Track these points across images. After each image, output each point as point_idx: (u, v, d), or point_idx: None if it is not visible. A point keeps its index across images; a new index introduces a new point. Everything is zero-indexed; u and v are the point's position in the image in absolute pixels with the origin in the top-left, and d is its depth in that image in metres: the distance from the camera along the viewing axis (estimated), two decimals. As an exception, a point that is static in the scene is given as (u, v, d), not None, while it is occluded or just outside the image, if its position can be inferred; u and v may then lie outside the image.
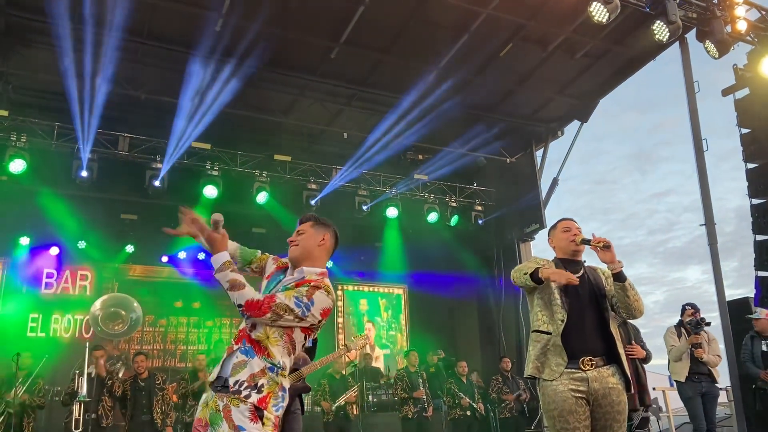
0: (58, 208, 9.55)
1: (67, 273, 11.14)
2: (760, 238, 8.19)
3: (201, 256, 11.43)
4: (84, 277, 11.22)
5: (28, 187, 9.13)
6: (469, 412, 8.74)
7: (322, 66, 9.27)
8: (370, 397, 10.26)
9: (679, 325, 6.62)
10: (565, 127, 11.35)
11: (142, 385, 7.62)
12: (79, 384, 7.01)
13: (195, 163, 9.90)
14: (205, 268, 11.45)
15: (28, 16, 8.01)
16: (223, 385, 2.42)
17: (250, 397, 2.38)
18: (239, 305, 2.43)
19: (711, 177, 8.18)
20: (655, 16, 7.75)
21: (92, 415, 6.99)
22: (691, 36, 8.41)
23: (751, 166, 8.39)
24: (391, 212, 11.26)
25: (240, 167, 10.23)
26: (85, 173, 9.08)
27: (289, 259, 2.76)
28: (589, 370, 3.14)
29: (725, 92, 8.65)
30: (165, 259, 11.50)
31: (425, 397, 8.57)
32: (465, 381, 9.02)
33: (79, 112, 9.04)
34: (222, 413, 2.36)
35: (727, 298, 8.15)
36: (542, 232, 11.75)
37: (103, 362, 7.33)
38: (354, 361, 9.62)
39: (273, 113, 10.23)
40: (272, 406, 2.41)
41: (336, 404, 8.19)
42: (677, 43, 8.55)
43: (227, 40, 8.42)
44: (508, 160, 11.99)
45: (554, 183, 11.43)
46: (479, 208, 11.94)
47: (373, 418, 9.54)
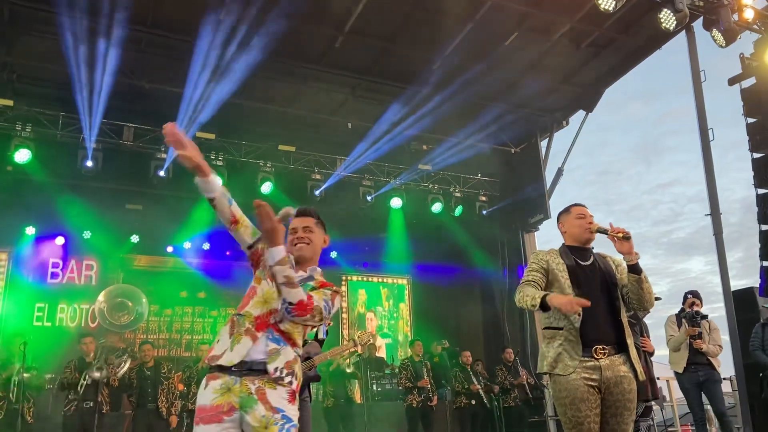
0: (64, 198, 9.56)
1: (73, 263, 11.18)
2: (765, 228, 8.15)
3: (206, 246, 11.47)
4: (89, 267, 11.27)
5: (33, 177, 9.15)
6: (474, 401, 8.77)
7: (327, 55, 9.24)
8: (374, 387, 10.30)
9: (680, 314, 6.53)
10: (570, 117, 11.31)
11: (148, 374, 7.67)
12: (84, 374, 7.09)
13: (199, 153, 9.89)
14: (209, 258, 11.49)
15: (32, 6, 8.00)
16: (251, 369, 2.43)
17: (292, 384, 2.46)
18: (290, 303, 2.41)
19: (716, 167, 8.15)
20: (661, 5, 7.69)
21: (90, 404, 7.04)
22: (698, 25, 8.36)
23: (757, 156, 8.33)
24: (396, 202, 11.27)
25: (244, 157, 10.23)
26: (90, 163, 9.11)
27: (298, 257, 2.72)
28: (602, 358, 3.11)
29: (731, 81, 8.58)
30: (170, 249, 11.53)
31: (430, 386, 8.59)
32: (470, 370, 9.04)
33: (84, 102, 9.04)
34: (256, 395, 2.38)
35: (732, 289, 8.15)
36: (547, 222, 11.74)
37: (93, 348, 7.38)
38: (356, 351, 9.64)
39: (277, 103, 10.21)
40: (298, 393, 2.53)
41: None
42: (683, 32, 8.50)
43: (231, 29, 8.40)
44: (513, 151, 11.97)
45: (559, 173, 11.40)
46: (483, 199, 11.93)
47: (377, 407, 9.58)
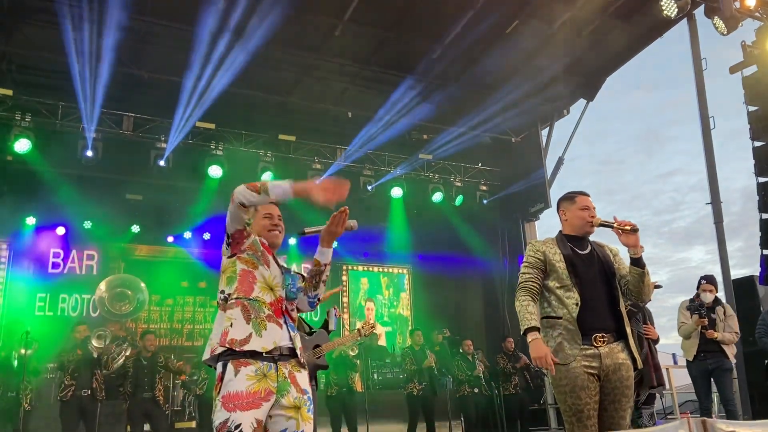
0: (64, 188, 9.56)
1: (74, 253, 11.21)
2: (766, 217, 8.15)
3: (206, 236, 11.48)
4: (90, 257, 11.29)
5: (33, 167, 9.14)
6: (476, 389, 8.80)
7: (326, 44, 9.21)
8: (375, 376, 10.34)
9: (696, 297, 6.28)
10: (571, 106, 11.28)
11: (145, 363, 7.68)
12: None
13: (199, 142, 9.90)
14: (210, 248, 11.49)
15: (31, -5, 7.98)
16: (281, 354, 2.52)
17: (306, 367, 2.62)
18: (317, 297, 2.77)
19: (718, 157, 8.14)
20: (663, -8, 7.66)
21: (87, 391, 7.09)
22: (699, 13, 8.32)
23: (758, 144, 8.30)
24: (396, 192, 11.26)
25: (244, 147, 10.22)
26: (90, 153, 9.10)
27: (274, 244, 2.83)
28: (601, 346, 3.11)
29: (733, 69, 8.55)
30: (171, 239, 11.55)
31: (435, 366, 8.57)
32: (471, 359, 9.07)
33: (83, 92, 9.02)
34: (289, 379, 2.49)
35: (732, 278, 8.16)
36: (547, 211, 11.75)
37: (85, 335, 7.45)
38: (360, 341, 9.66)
39: (277, 92, 10.19)
40: None
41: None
42: (685, 20, 8.46)
43: (231, 18, 8.36)
44: (513, 140, 11.95)
45: (559, 162, 11.39)
46: (484, 188, 11.92)
47: (378, 396, 9.62)
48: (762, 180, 8.19)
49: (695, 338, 6.13)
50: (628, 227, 3.13)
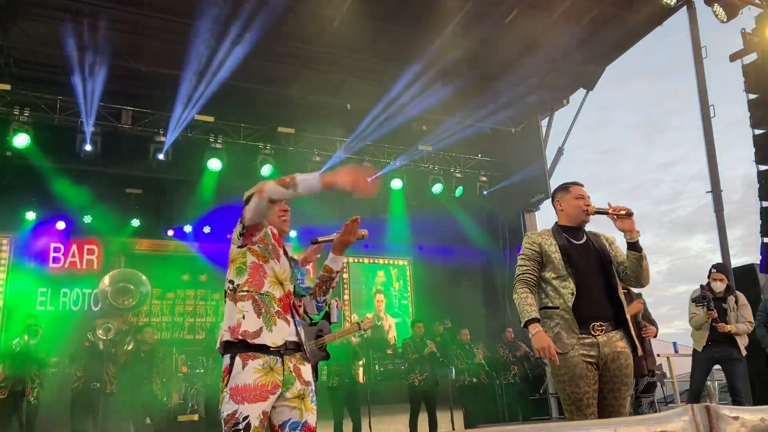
0: (63, 183, 9.56)
1: (74, 247, 11.19)
2: (766, 205, 8.14)
3: (206, 229, 11.48)
4: (91, 252, 11.28)
5: (32, 162, 9.14)
6: (475, 379, 8.83)
7: (325, 36, 9.18)
8: (377, 367, 10.38)
9: (708, 286, 6.17)
10: (570, 96, 11.26)
11: (143, 356, 7.72)
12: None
13: (199, 136, 9.88)
14: (210, 242, 11.49)
15: (28, -11, 7.94)
16: (287, 348, 2.58)
17: (310, 361, 2.71)
18: (325, 302, 2.97)
19: (718, 145, 8.13)
20: (662, -20, 7.63)
21: (96, 384, 7.11)
22: (699, 0, 8.28)
23: (758, 132, 8.29)
24: (396, 184, 11.25)
25: (243, 140, 10.20)
26: (89, 147, 9.09)
27: (283, 232, 2.87)
28: (599, 335, 3.13)
29: (733, 57, 8.52)
30: (171, 233, 11.53)
31: (436, 352, 8.59)
32: (468, 347, 9.11)
33: (81, 86, 9.00)
34: (294, 373, 2.57)
35: (733, 266, 8.16)
36: (547, 202, 11.72)
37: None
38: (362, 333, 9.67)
39: (276, 85, 10.16)
40: None
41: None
42: (685, 8, 8.43)
43: (229, 11, 8.33)
44: (513, 130, 11.93)
45: (559, 152, 11.38)
46: (484, 179, 11.92)
47: (380, 387, 9.66)
48: (762, 168, 8.18)
49: (705, 330, 6.02)
50: (623, 212, 3.17)
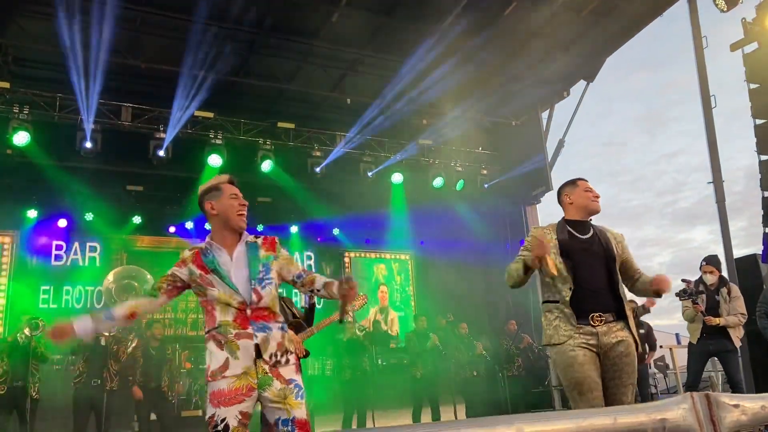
0: (64, 181, 9.56)
1: (76, 245, 11.22)
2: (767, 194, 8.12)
3: (208, 225, 11.45)
4: (93, 249, 11.31)
5: (33, 160, 9.14)
6: (476, 372, 8.85)
7: (324, 30, 9.15)
8: (380, 361, 10.37)
9: (698, 282, 6.18)
10: (571, 88, 11.21)
11: (153, 353, 7.74)
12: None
13: (199, 132, 9.88)
14: (212, 238, 11.50)
15: (25, -14, 7.92)
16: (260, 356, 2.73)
17: (291, 358, 2.80)
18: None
19: (721, 136, 8.11)
20: (662, -30, 7.59)
21: (97, 381, 7.11)
22: (699, -10, 8.26)
23: (759, 122, 8.24)
24: (397, 178, 11.24)
25: (243, 135, 10.19)
26: (89, 144, 9.08)
27: (239, 228, 2.87)
28: (599, 325, 3.18)
29: (733, 47, 8.47)
30: (172, 230, 11.55)
31: (439, 346, 8.61)
32: (467, 341, 9.15)
33: (80, 83, 8.99)
34: (270, 374, 2.65)
35: (735, 257, 8.15)
36: (548, 194, 11.73)
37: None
38: (364, 327, 9.69)
39: (275, 80, 10.13)
40: None
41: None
42: (685, -2, 8.39)
43: (227, 6, 8.31)
44: (514, 123, 11.90)
45: (560, 144, 11.36)
46: (485, 172, 11.90)
47: (382, 380, 9.66)
48: (763, 158, 8.13)
49: (699, 322, 6.01)
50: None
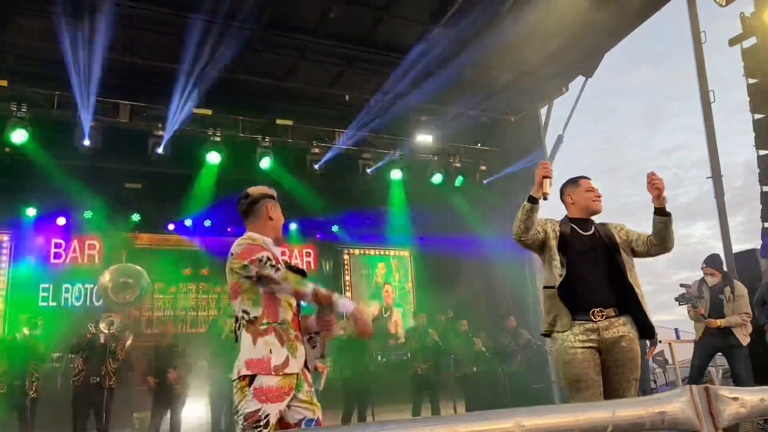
0: (63, 178, 9.54)
1: (75, 243, 11.22)
2: (766, 189, 8.11)
3: (207, 223, 11.50)
4: (92, 247, 11.31)
5: (31, 158, 9.12)
6: (476, 368, 8.86)
7: (322, 26, 9.13)
8: (380, 357, 10.39)
9: (701, 283, 6.21)
10: (569, 83, 11.19)
11: (164, 349, 7.74)
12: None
13: (197, 129, 9.86)
14: (211, 235, 11.52)
15: (22, -17, 7.89)
16: None
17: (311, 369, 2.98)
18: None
19: (721, 131, 8.11)
20: (660, -36, 7.57)
21: (95, 379, 7.11)
22: (698, -15, 8.24)
23: (757, 117, 8.23)
24: (396, 174, 11.23)
25: (242, 133, 10.17)
26: (87, 142, 9.06)
27: (279, 239, 3.08)
28: (599, 320, 3.19)
29: (732, 42, 8.45)
30: (171, 227, 11.56)
31: (439, 342, 8.62)
32: (467, 337, 9.16)
33: (78, 81, 8.97)
34: (302, 377, 2.80)
35: (734, 251, 8.16)
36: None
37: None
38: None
39: (274, 77, 10.11)
40: None
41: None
42: (683, -7, 8.38)
43: (225, 2, 8.28)
44: (513, 119, 11.88)
45: (559, 140, 11.34)
46: (484, 168, 11.88)
47: (383, 378, 9.67)
48: (762, 153, 8.12)
49: (702, 322, 6.04)
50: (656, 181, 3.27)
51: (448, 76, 10.66)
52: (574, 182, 3.55)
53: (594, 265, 3.29)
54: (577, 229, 3.40)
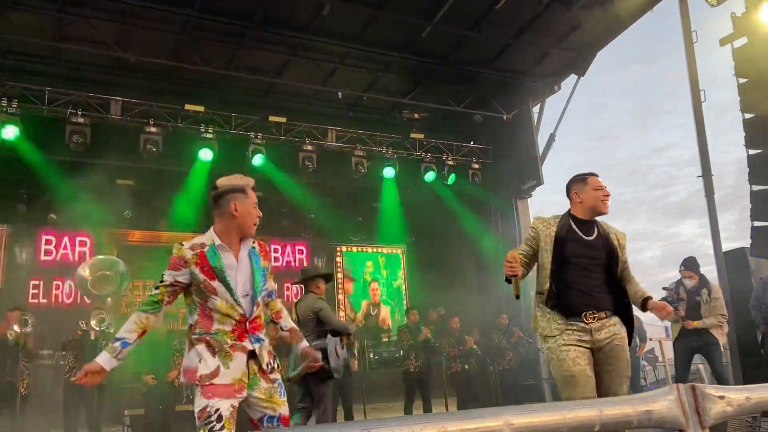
0: (54, 175, 9.48)
1: (66, 239, 11.13)
2: (756, 189, 8.15)
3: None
4: (83, 243, 11.21)
5: (22, 154, 9.06)
6: (467, 365, 8.89)
7: (315, 24, 9.12)
8: (372, 354, 10.40)
9: (678, 284, 6.28)
10: (562, 82, 11.24)
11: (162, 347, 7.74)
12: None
13: (189, 126, 9.82)
14: (203, 232, 11.46)
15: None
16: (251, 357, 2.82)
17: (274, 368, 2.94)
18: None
19: (713, 130, 8.20)
20: (652, -36, 7.60)
21: None
22: (689, -16, 8.27)
23: (748, 116, 8.27)
24: (388, 172, 11.23)
25: (234, 129, 10.14)
26: (78, 138, 9.01)
27: (251, 236, 2.89)
28: (591, 322, 3.20)
29: (723, 41, 8.48)
30: (163, 224, 11.49)
31: (430, 337, 8.64)
32: (457, 335, 9.18)
33: (69, 76, 8.92)
34: (258, 375, 2.76)
35: (724, 250, 8.20)
36: (540, 188, 11.77)
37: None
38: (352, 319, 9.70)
39: (266, 74, 10.10)
40: None
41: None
42: (675, -8, 8.40)
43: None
44: (505, 117, 11.89)
45: (551, 139, 11.38)
46: (476, 166, 11.90)
47: (374, 374, 9.69)
48: (752, 152, 8.17)
49: (679, 323, 6.17)
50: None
51: (441, 74, 10.69)
52: (582, 180, 3.43)
53: (589, 272, 3.27)
54: (578, 231, 3.33)
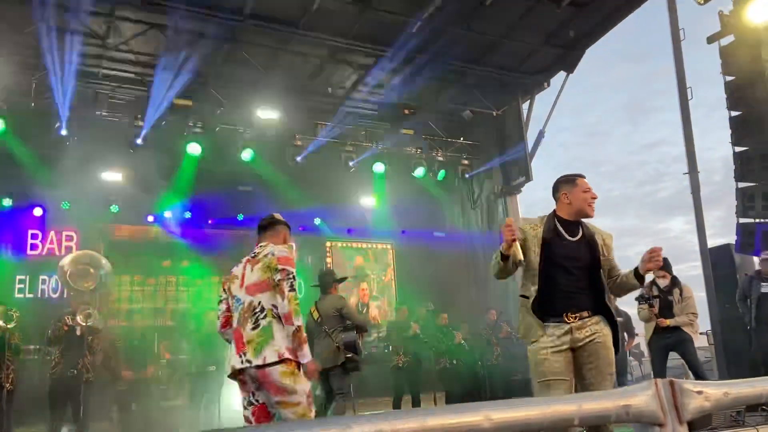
0: (40, 169, 9.41)
1: (52, 234, 11.03)
2: (742, 186, 8.22)
3: (187, 215, 11.40)
4: (69, 238, 11.12)
5: (8, 148, 8.98)
6: (455, 361, 8.91)
7: (304, 18, 9.07)
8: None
9: (651, 284, 6.40)
10: (551, 79, 11.26)
11: (136, 343, 7.70)
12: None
13: (177, 120, 9.76)
14: (191, 227, 11.42)
15: (-3, -30, 7.75)
16: None
17: None
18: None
19: (701, 127, 8.26)
20: (641, -39, 7.63)
21: (73, 371, 7.00)
22: (678, -18, 8.30)
23: (734, 114, 8.34)
24: (378, 168, 11.24)
25: (223, 124, 10.10)
26: (65, 132, 8.95)
27: None
28: (572, 321, 3.20)
29: (710, 39, 8.53)
30: (151, 219, 11.43)
31: (419, 332, 8.66)
32: (446, 330, 9.21)
33: (57, 70, 8.83)
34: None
35: (709, 246, 8.28)
36: (529, 184, 11.80)
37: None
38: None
39: (255, 68, 10.04)
40: None
41: None
42: (664, -10, 8.44)
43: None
44: (495, 113, 11.92)
45: (540, 135, 11.41)
46: (466, 162, 11.94)
47: (363, 370, 9.66)
48: (738, 149, 8.24)
49: (653, 322, 6.30)
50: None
51: (431, 70, 10.67)
52: (571, 181, 3.40)
53: (573, 274, 3.27)
54: (563, 233, 3.33)
